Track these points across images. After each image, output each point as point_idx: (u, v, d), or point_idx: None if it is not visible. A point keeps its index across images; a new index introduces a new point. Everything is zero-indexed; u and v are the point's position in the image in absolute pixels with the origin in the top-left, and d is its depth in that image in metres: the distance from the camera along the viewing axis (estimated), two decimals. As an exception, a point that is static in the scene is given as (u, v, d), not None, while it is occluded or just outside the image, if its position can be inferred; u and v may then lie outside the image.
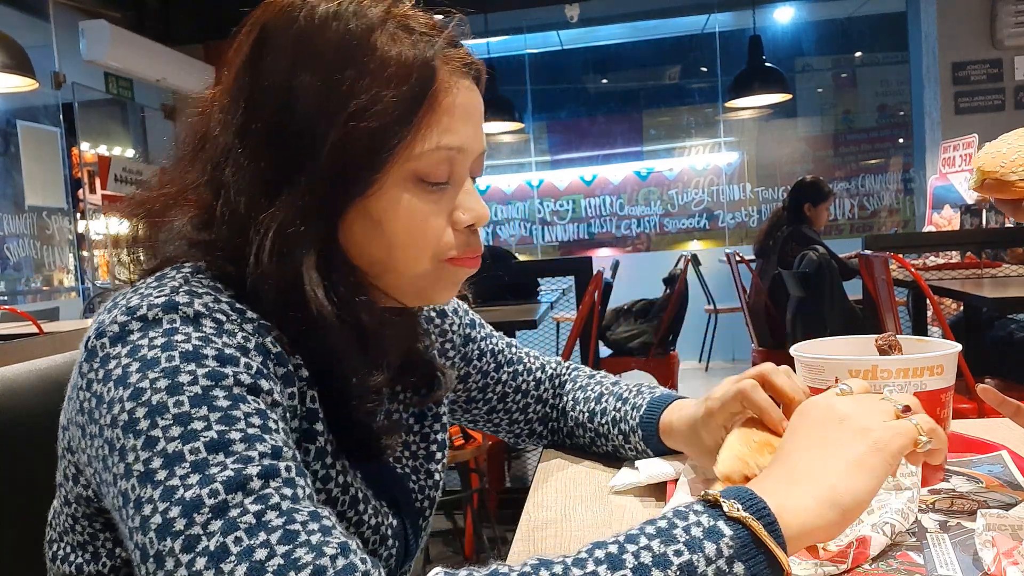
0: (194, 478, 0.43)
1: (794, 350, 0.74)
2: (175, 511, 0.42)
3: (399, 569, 0.68)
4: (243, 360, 0.49)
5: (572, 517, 0.72)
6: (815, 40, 6.89)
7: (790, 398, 0.63)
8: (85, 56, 4.47)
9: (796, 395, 0.63)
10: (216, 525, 0.41)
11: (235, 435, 0.45)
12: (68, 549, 0.59)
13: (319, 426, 0.58)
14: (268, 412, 0.48)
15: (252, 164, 0.56)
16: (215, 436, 0.44)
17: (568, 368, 0.94)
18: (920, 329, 3.10)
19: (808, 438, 0.51)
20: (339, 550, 0.41)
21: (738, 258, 4.11)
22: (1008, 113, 5.13)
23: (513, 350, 0.89)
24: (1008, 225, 3.58)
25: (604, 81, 7.55)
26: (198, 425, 0.45)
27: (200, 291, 0.53)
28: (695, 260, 5.41)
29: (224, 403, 0.46)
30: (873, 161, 6.83)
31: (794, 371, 0.75)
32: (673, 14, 6.60)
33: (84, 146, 5.11)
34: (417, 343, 0.71)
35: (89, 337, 0.51)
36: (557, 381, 0.91)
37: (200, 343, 0.49)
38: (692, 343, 5.75)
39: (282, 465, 0.45)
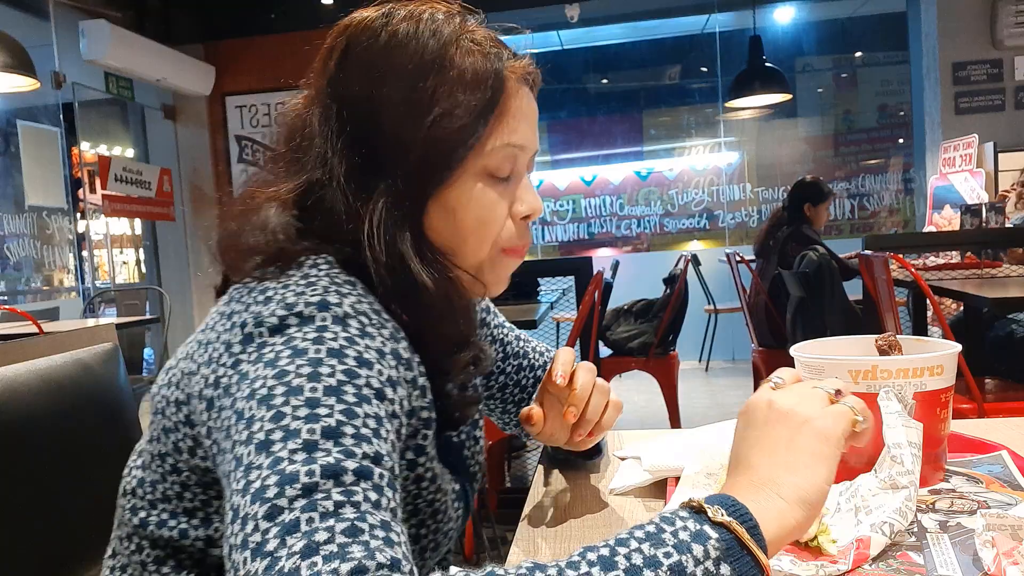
0: (300, 456, 0.46)
1: (794, 350, 0.74)
2: (273, 479, 0.46)
3: (461, 527, 0.74)
4: (377, 366, 0.54)
5: (572, 517, 0.72)
6: (815, 40, 6.89)
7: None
8: (85, 56, 4.47)
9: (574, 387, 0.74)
10: (300, 503, 0.44)
11: (349, 429, 0.49)
12: (167, 515, 0.64)
13: (433, 414, 0.63)
14: (385, 420, 0.52)
15: (350, 164, 0.64)
16: (333, 424, 0.49)
17: None
18: (920, 329, 3.09)
19: (760, 440, 0.53)
20: (389, 562, 0.43)
21: (738, 258, 4.11)
22: (1008, 113, 5.13)
23: (520, 343, 0.93)
24: (1008, 225, 3.58)
25: (604, 81, 7.56)
26: (322, 411, 0.49)
27: (346, 291, 0.59)
28: (695, 260, 5.42)
29: (351, 399, 0.51)
30: (873, 161, 6.83)
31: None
32: (673, 14, 6.60)
33: (84, 146, 5.12)
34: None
35: (246, 322, 0.56)
36: None
37: (346, 343, 0.54)
38: (692, 343, 5.76)
39: (377, 471, 0.48)
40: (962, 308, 2.98)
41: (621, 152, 7.27)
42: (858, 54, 7.02)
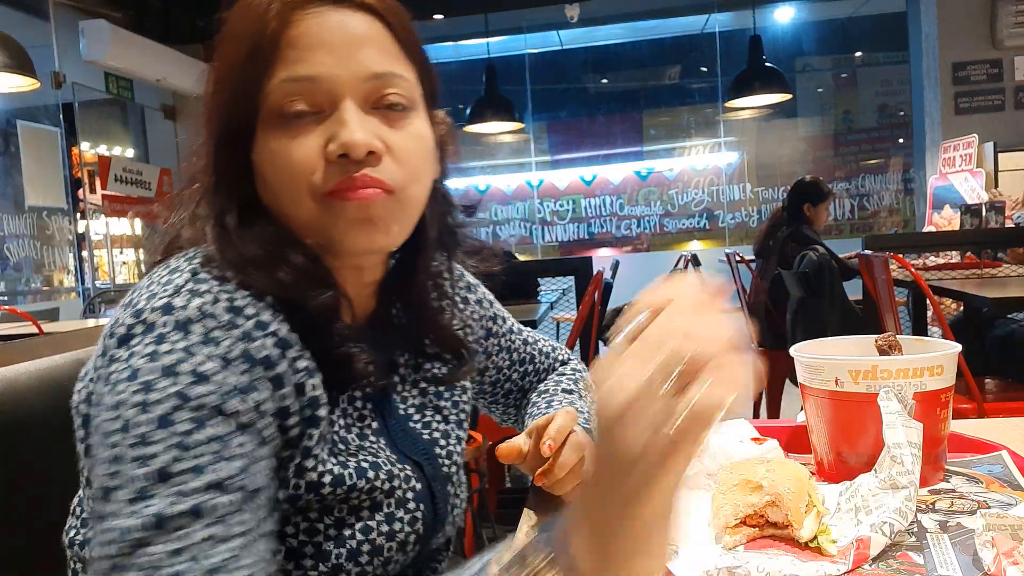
0: (133, 508, 0.46)
1: (794, 350, 0.74)
2: (110, 535, 0.46)
3: (431, 534, 0.69)
4: (218, 376, 0.52)
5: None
6: (815, 40, 6.89)
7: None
8: (85, 56, 4.47)
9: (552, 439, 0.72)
10: (135, 559, 0.45)
11: (184, 464, 0.48)
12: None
13: (322, 411, 0.59)
14: (231, 437, 0.51)
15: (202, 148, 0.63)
16: (165, 463, 0.48)
17: (563, 365, 0.95)
18: (920, 329, 3.09)
19: (604, 496, 0.41)
20: None
21: (738, 258, 4.11)
22: (1008, 113, 5.12)
23: (527, 348, 0.91)
24: (1009, 225, 3.58)
25: (604, 81, 7.55)
26: (153, 449, 0.48)
27: (203, 288, 0.55)
28: (695, 260, 5.41)
29: (185, 427, 0.49)
30: (873, 161, 6.83)
31: (794, 371, 0.75)
32: (673, 14, 6.60)
33: (84, 146, 5.11)
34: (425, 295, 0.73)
35: (107, 332, 0.55)
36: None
37: (182, 356, 0.52)
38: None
39: (221, 499, 0.48)
40: (962, 308, 2.98)
41: (621, 152, 7.27)
42: (858, 54, 7.02)
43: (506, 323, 0.88)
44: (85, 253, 5.40)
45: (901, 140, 6.51)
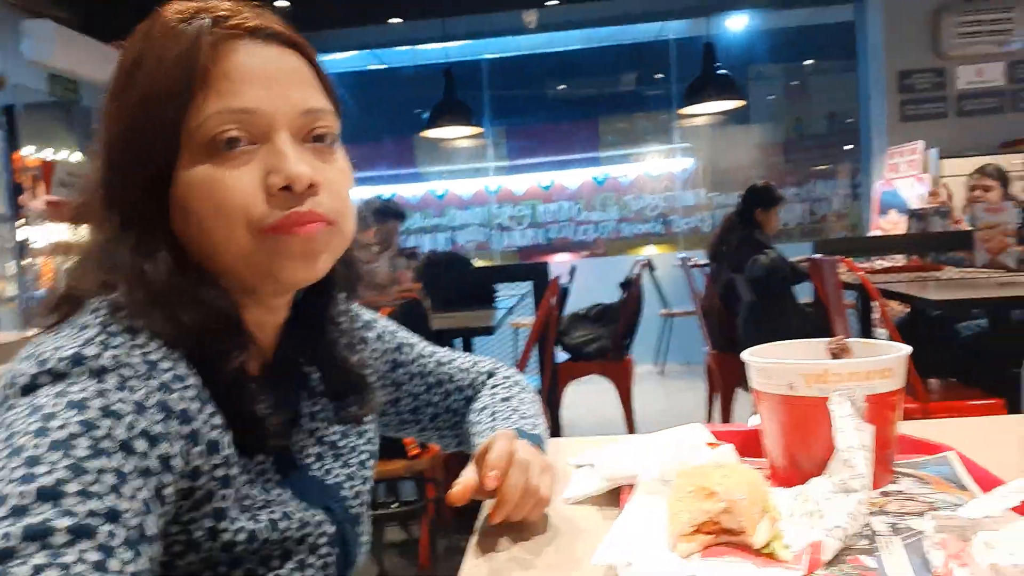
0: (5, 523, 0.42)
1: (747, 355, 0.74)
2: None
3: (342, 574, 0.68)
4: (129, 418, 0.49)
5: (526, 527, 0.71)
6: (767, 48, 7.04)
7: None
8: (28, 57, 4.32)
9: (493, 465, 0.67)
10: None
11: (74, 486, 0.44)
12: None
13: (235, 470, 0.58)
14: (132, 476, 0.48)
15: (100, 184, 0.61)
16: (51, 483, 0.44)
17: (491, 376, 0.92)
18: (867, 331, 3.17)
19: None
20: None
21: (692, 263, 4.16)
22: (951, 120, 5.30)
23: (443, 369, 0.87)
24: (952, 228, 3.70)
25: (562, 87, 7.60)
26: (41, 469, 0.44)
27: (116, 341, 0.54)
28: (650, 265, 5.47)
29: (83, 452, 0.46)
30: (823, 167, 7.00)
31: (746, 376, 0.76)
32: (629, 21, 6.68)
33: (27, 150, 4.94)
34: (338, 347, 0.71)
35: (4, 384, 0.52)
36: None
37: (93, 395, 0.49)
38: (648, 346, 5.80)
39: (107, 529, 0.44)
40: (909, 310, 3.06)
41: (578, 158, 7.32)
42: (809, 62, 7.19)
43: (414, 349, 0.86)
44: (27, 261, 5.22)
45: (850, 147, 6.68)
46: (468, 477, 0.68)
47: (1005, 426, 0.94)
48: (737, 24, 6.85)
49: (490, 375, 0.91)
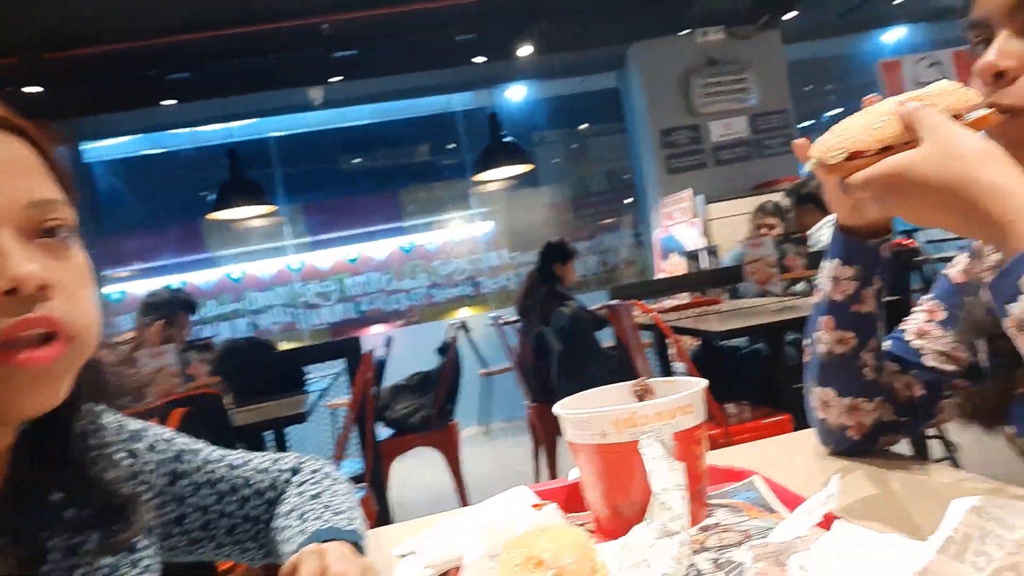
0: None
1: (558, 410, 0.73)
2: None
3: None
4: None
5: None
6: (547, 115, 7.52)
7: None
8: None
9: None
10: None
11: None
12: None
13: None
14: None
15: None
16: None
17: (296, 473, 0.84)
18: (665, 366, 3.38)
19: None
20: None
21: (503, 320, 4.25)
22: (710, 169, 5.95)
23: (237, 473, 0.78)
24: (723, 265, 4.10)
25: (357, 160, 7.60)
26: None
27: None
28: (465, 327, 5.52)
29: None
30: (608, 220, 7.54)
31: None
32: (417, 94, 6.86)
33: None
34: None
35: None
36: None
37: None
38: (471, 408, 5.81)
39: None
40: (700, 342, 3.31)
41: (383, 228, 7.31)
42: (584, 126, 7.78)
43: (198, 455, 0.77)
44: None
45: (629, 200, 7.26)
46: None
47: (797, 442, 1.01)
48: (517, 94, 7.27)
49: (295, 472, 0.82)
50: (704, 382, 0.72)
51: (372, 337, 5.93)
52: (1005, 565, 0.41)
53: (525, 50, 5.71)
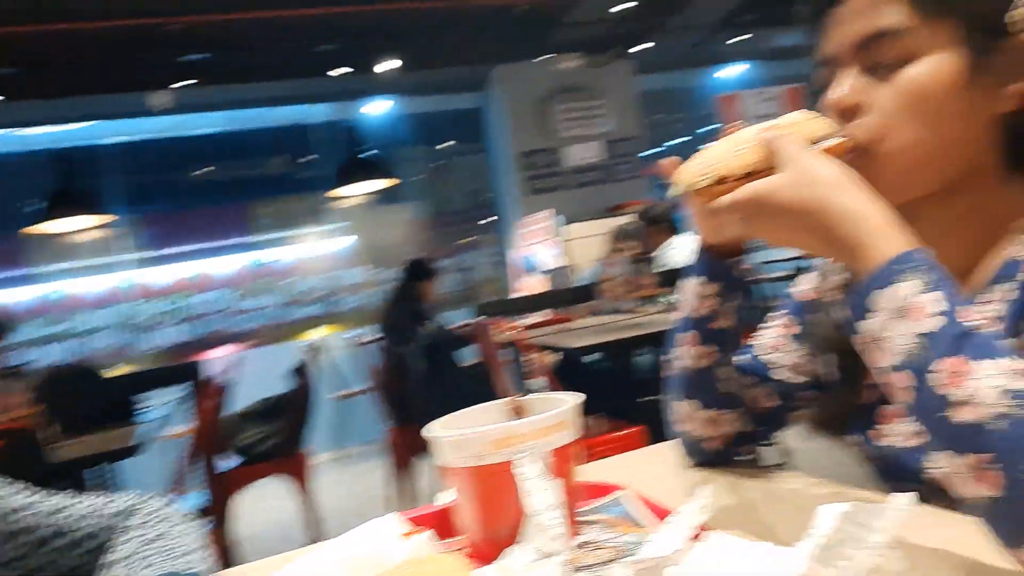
0: None
1: (430, 432, 0.70)
2: None
3: None
4: None
5: None
6: (409, 131, 7.47)
7: None
8: None
9: None
10: None
11: None
12: None
13: None
14: None
15: None
16: None
17: (130, 516, 0.75)
18: (521, 383, 3.41)
19: None
20: None
21: (363, 340, 4.14)
22: (569, 191, 6.14)
23: (58, 518, 0.69)
24: (580, 283, 4.23)
25: (207, 170, 7.18)
26: None
27: None
28: (320, 347, 5.33)
29: None
30: (469, 239, 7.58)
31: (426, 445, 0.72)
32: (270, 104, 6.59)
33: None
34: None
35: None
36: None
37: None
38: (327, 433, 5.59)
39: None
40: (561, 358, 3.38)
41: (231, 244, 6.92)
42: (447, 144, 7.80)
43: (5, 502, 0.69)
44: None
45: (490, 219, 7.34)
46: None
47: (658, 455, 1.03)
48: (379, 109, 7.17)
49: (129, 514, 0.74)
50: (579, 398, 0.71)
51: (217, 360, 5.58)
52: (871, 567, 0.42)
53: (387, 65, 5.65)
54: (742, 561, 0.51)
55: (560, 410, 0.69)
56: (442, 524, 0.77)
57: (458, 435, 0.68)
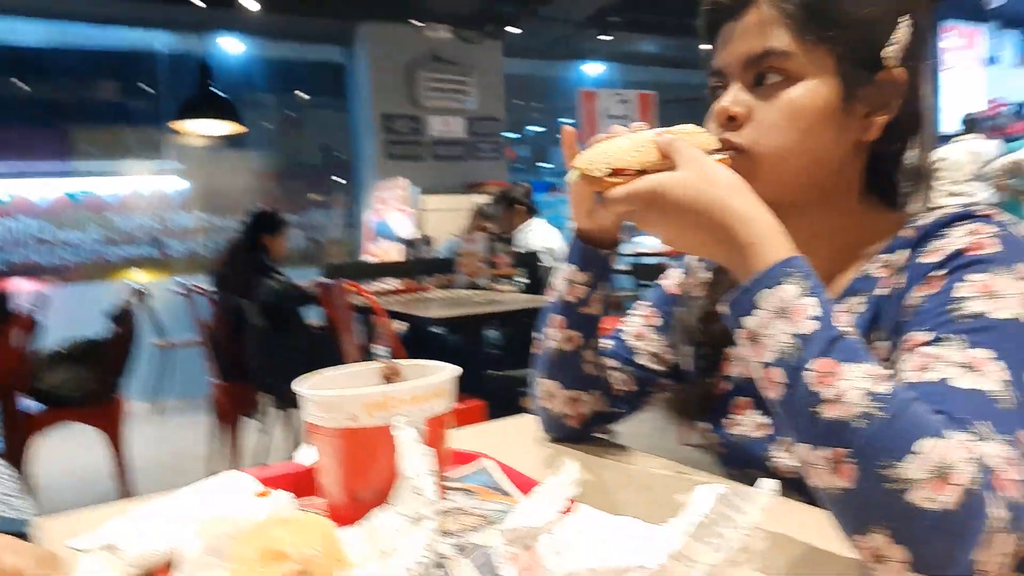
0: None
1: (301, 388, 0.67)
2: None
3: None
4: None
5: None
6: (264, 76, 7.04)
7: None
8: None
9: None
10: None
11: None
12: None
13: None
14: None
15: None
16: None
17: None
18: (367, 348, 3.37)
19: None
20: None
21: (196, 289, 3.87)
22: (427, 163, 6.07)
23: None
24: (437, 255, 4.22)
25: (22, 87, 6.36)
26: None
27: None
28: (144, 291, 4.93)
29: None
30: (318, 197, 7.30)
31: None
32: (108, 22, 5.95)
33: None
34: None
35: None
36: None
37: None
38: (143, 383, 5.20)
39: None
40: (407, 327, 3.36)
41: (46, 170, 6.20)
42: (303, 96, 7.43)
43: None
44: None
45: (344, 179, 7.11)
46: None
47: (516, 428, 1.06)
48: (232, 47, 6.69)
49: None
50: (458, 369, 0.71)
51: (21, 294, 5.01)
52: (740, 547, 0.45)
53: (247, 1, 5.28)
54: (615, 535, 0.53)
55: (439, 379, 0.68)
56: (298, 484, 0.74)
57: (332, 395, 0.65)
